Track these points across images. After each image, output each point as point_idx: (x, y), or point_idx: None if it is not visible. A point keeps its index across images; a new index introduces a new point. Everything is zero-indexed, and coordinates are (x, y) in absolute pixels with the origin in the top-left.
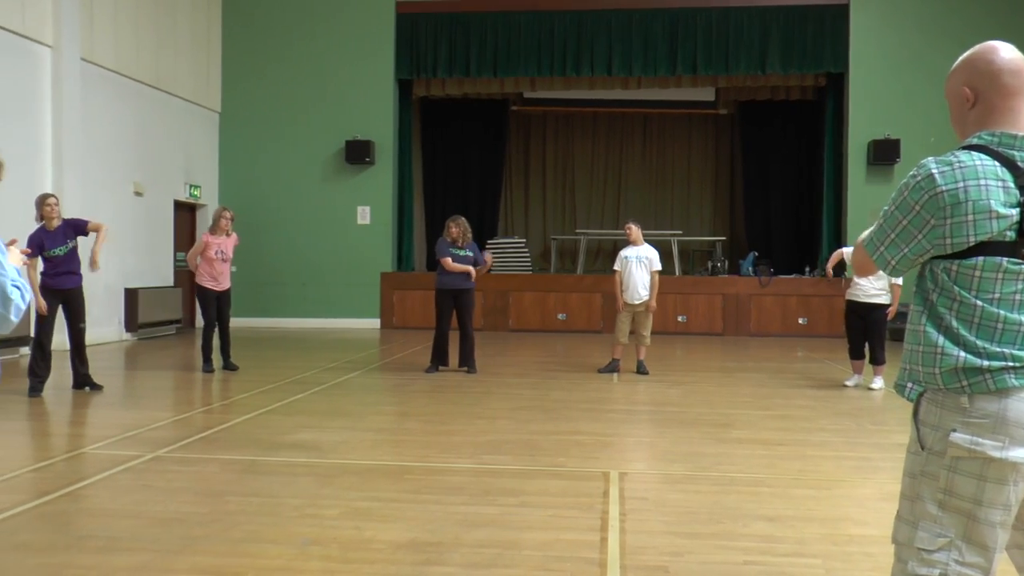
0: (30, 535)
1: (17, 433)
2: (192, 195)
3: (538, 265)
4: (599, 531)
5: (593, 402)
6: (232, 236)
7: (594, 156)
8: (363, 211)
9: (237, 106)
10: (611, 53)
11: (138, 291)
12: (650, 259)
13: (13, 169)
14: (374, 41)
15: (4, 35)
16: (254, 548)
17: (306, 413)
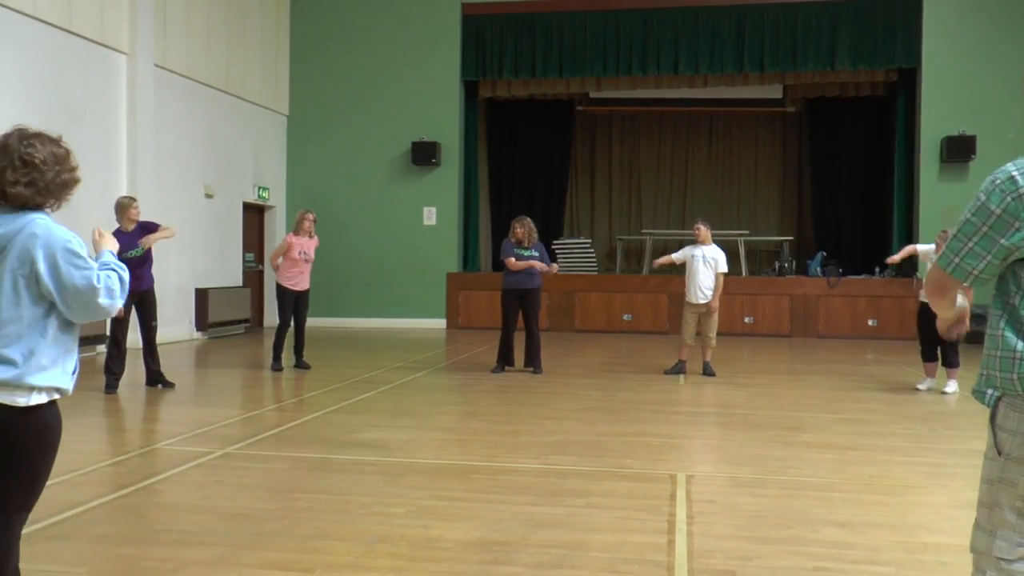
0: (109, 527)
1: (95, 428)
2: (261, 197)
3: (604, 266)
4: (666, 534)
5: (659, 403)
6: (314, 238)
7: (660, 156)
8: (429, 212)
9: (305, 109)
10: (677, 51)
11: (208, 291)
12: (716, 260)
13: (90, 173)
14: (440, 43)
15: (84, 43)
16: (323, 545)
17: (373, 412)
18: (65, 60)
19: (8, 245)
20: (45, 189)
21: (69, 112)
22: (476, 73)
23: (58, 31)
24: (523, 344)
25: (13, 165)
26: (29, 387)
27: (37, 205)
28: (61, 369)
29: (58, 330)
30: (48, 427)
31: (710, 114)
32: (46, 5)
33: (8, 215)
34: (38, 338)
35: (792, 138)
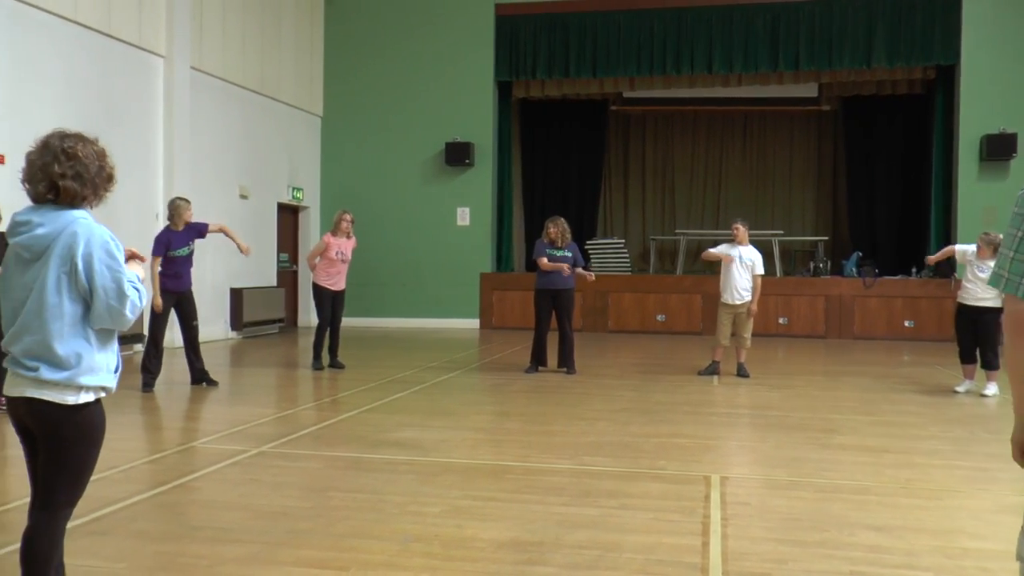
0: (146, 523)
1: (133, 427)
2: (295, 197)
3: (637, 266)
4: (700, 536)
5: (693, 405)
6: (352, 239)
7: (694, 155)
8: (463, 212)
9: (339, 110)
10: (711, 50)
11: (243, 291)
12: (753, 262)
13: (128, 174)
14: (474, 43)
15: (122, 47)
16: (358, 543)
17: (407, 412)
18: (104, 63)
19: (52, 244)
20: (91, 181)
21: (108, 114)
22: (510, 73)
23: (98, 35)
24: (556, 345)
25: (58, 159)
26: (78, 386)
27: (84, 199)
28: (107, 368)
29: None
30: (93, 425)
31: (744, 113)
32: (87, 9)
33: (53, 213)
34: (82, 338)
35: (827, 137)
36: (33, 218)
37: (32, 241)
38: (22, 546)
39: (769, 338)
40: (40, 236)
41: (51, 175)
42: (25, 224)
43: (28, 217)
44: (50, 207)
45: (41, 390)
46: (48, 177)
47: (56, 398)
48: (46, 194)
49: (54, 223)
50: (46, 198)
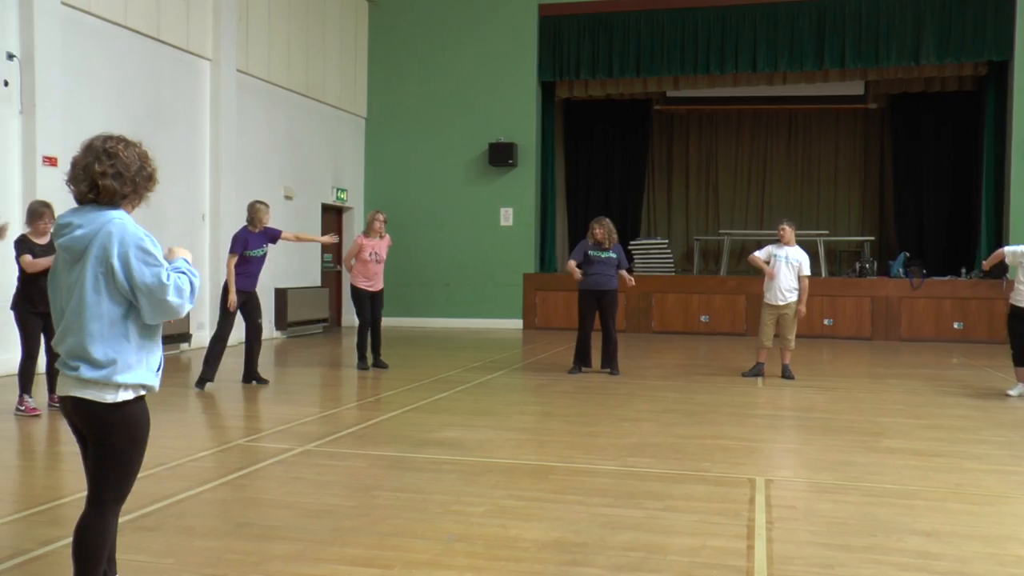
0: (194, 520)
1: (179, 425)
2: (339, 198)
3: (681, 266)
4: (745, 539)
5: (738, 406)
6: (385, 238)
7: (738, 155)
8: (506, 212)
9: (383, 111)
10: (756, 48)
11: (287, 291)
12: (800, 263)
13: (175, 175)
14: (517, 44)
15: (171, 51)
16: (402, 542)
17: (451, 411)
18: (153, 67)
19: (90, 244)
20: (131, 180)
21: (156, 117)
22: (553, 74)
23: (147, 39)
24: (600, 345)
25: (99, 158)
26: (116, 384)
27: (124, 197)
28: (146, 366)
29: (141, 328)
30: (135, 422)
31: (789, 112)
32: (137, 15)
33: (92, 214)
34: (121, 336)
35: (874, 135)
36: (73, 220)
37: (72, 243)
38: (73, 540)
39: (814, 339)
40: (79, 238)
41: (92, 174)
42: (67, 226)
43: (69, 219)
44: (90, 208)
45: (83, 389)
46: (90, 176)
47: (96, 396)
48: (88, 193)
49: (92, 224)
50: (88, 197)
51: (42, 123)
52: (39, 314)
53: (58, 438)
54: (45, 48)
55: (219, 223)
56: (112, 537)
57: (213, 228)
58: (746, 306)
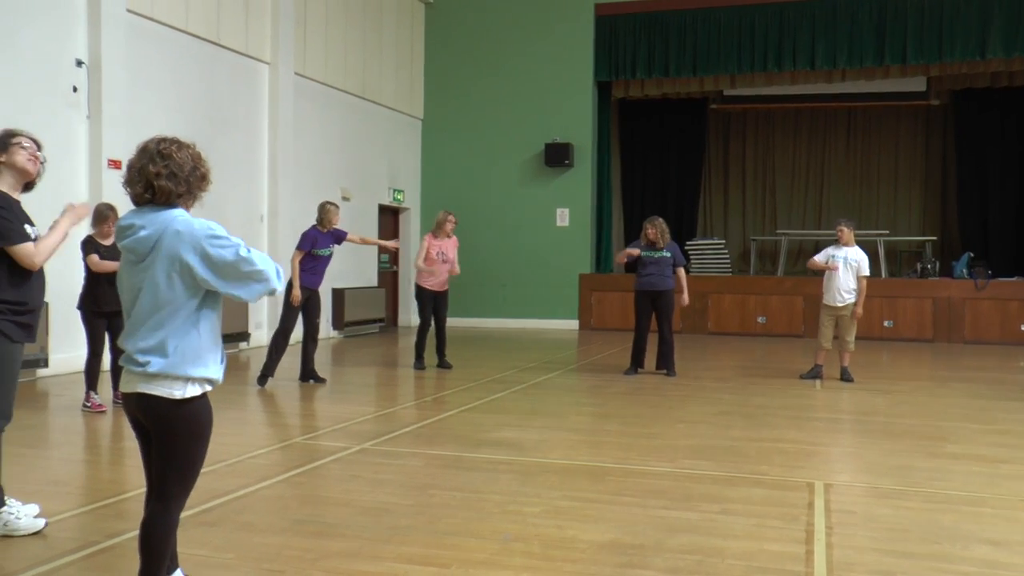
0: (253, 516)
1: (238, 422)
2: (396, 199)
3: (737, 267)
4: (804, 544)
5: (795, 409)
6: (453, 238)
7: (795, 153)
8: (562, 213)
9: (439, 112)
10: (814, 45)
11: (344, 291)
12: (859, 263)
13: (234, 177)
14: (573, 45)
15: (230, 55)
16: (458, 541)
17: (507, 411)
18: (213, 71)
19: (157, 243)
20: (185, 180)
21: (215, 120)
22: (609, 74)
23: (207, 44)
24: (656, 346)
25: (153, 160)
26: (185, 378)
27: (179, 196)
28: (213, 359)
29: (209, 321)
30: (200, 419)
31: (848, 109)
32: (197, 20)
33: (153, 214)
34: (192, 331)
35: (936, 133)
36: (136, 221)
37: (136, 244)
38: (140, 534)
39: (873, 342)
40: (143, 239)
41: (147, 175)
42: (129, 228)
43: (131, 221)
44: (149, 209)
45: (151, 385)
46: (145, 178)
47: (164, 393)
48: (143, 194)
49: (155, 224)
50: (144, 198)
51: (107, 127)
52: (103, 314)
53: (122, 434)
54: (111, 54)
55: (277, 224)
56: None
57: (271, 229)
58: (803, 307)
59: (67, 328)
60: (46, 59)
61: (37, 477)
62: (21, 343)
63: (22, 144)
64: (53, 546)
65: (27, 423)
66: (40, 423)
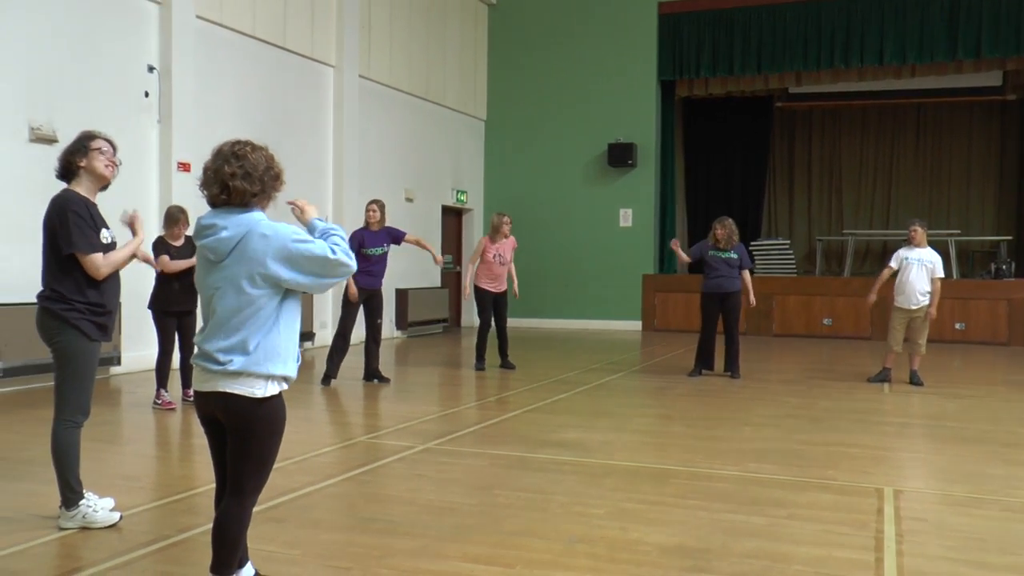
0: (320, 513)
1: (306, 421)
2: (459, 200)
3: (803, 267)
4: (873, 551)
5: (863, 413)
6: (510, 240)
7: (863, 151)
8: (625, 213)
9: (502, 113)
10: (883, 40)
11: (408, 291)
12: (933, 264)
13: (299, 179)
14: (637, 44)
15: (296, 59)
16: (523, 541)
17: (571, 412)
18: (279, 75)
19: (239, 245)
20: (259, 180)
21: (281, 123)
22: (673, 72)
23: (274, 48)
24: (722, 348)
25: (228, 161)
26: (266, 376)
27: (254, 195)
28: (291, 356)
29: (289, 320)
30: (276, 417)
31: (918, 106)
32: (264, 25)
33: (233, 216)
34: (272, 328)
35: (1012, 129)
36: (217, 222)
37: (217, 244)
38: (213, 529)
39: (944, 344)
40: (225, 239)
41: (223, 176)
42: (210, 227)
43: (213, 220)
44: (228, 210)
45: (232, 384)
46: (220, 179)
47: (245, 391)
48: (220, 195)
49: (237, 226)
50: (220, 199)
51: (177, 131)
52: (174, 313)
53: (191, 431)
54: (181, 60)
55: (342, 224)
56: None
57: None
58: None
59: (138, 327)
60: (120, 65)
61: (112, 471)
62: (99, 342)
63: (101, 149)
64: (128, 539)
65: (102, 419)
66: (114, 419)
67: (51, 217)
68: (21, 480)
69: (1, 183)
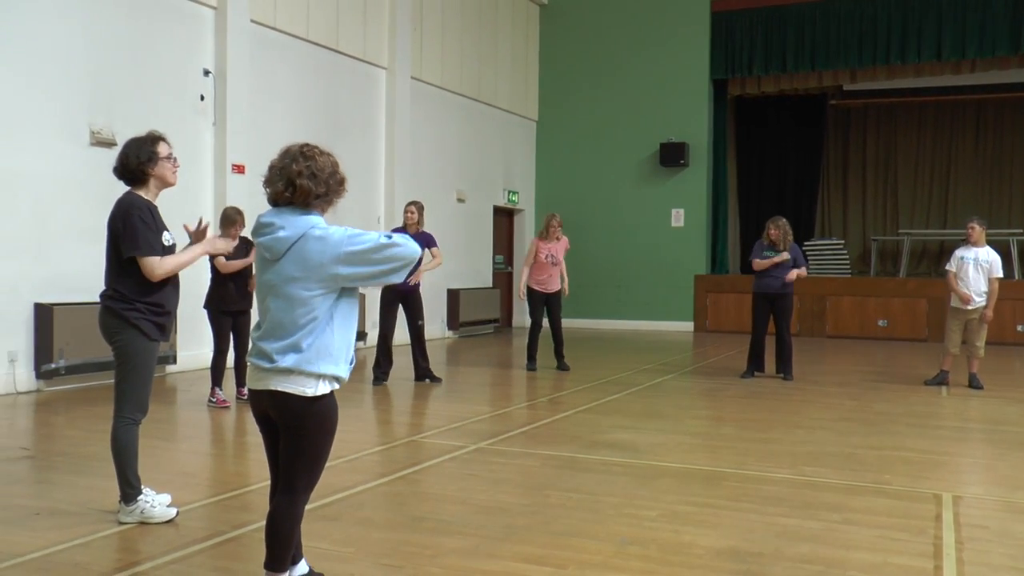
0: (372, 512)
1: (359, 419)
2: (510, 201)
3: (857, 268)
4: (932, 559)
5: (919, 416)
6: (562, 240)
7: (919, 149)
8: (677, 213)
9: (553, 113)
10: (941, 35)
11: (459, 292)
12: (991, 264)
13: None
14: (689, 42)
15: (348, 61)
16: (575, 542)
17: (622, 413)
18: (332, 77)
19: (295, 245)
20: (325, 181)
21: (334, 125)
22: (725, 71)
23: (327, 51)
24: (773, 349)
25: (296, 160)
26: (317, 375)
27: (317, 196)
28: (344, 357)
29: (343, 320)
30: (328, 415)
31: (977, 102)
32: (318, 28)
33: (293, 217)
34: (326, 327)
35: None
36: (276, 221)
37: (274, 243)
38: (266, 526)
39: (1004, 347)
40: (282, 239)
41: (290, 174)
42: (268, 226)
43: (271, 219)
44: (288, 210)
45: (284, 382)
46: (287, 176)
47: (297, 390)
48: (284, 191)
49: (294, 226)
50: (284, 196)
51: (232, 134)
52: (229, 312)
53: (245, 429)
54: (236, 63)
55: (393, 225)
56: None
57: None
58: (928, 310)
59: (193, 326)
60: (176, 69)
61: (168, 468)
62: (157, 342)
63: (169, 156)
64: (184, 534)
65: (158, 417)
66: (169, 417)
67: (115, 219)
68: (83, 474)
69: (63, 186)
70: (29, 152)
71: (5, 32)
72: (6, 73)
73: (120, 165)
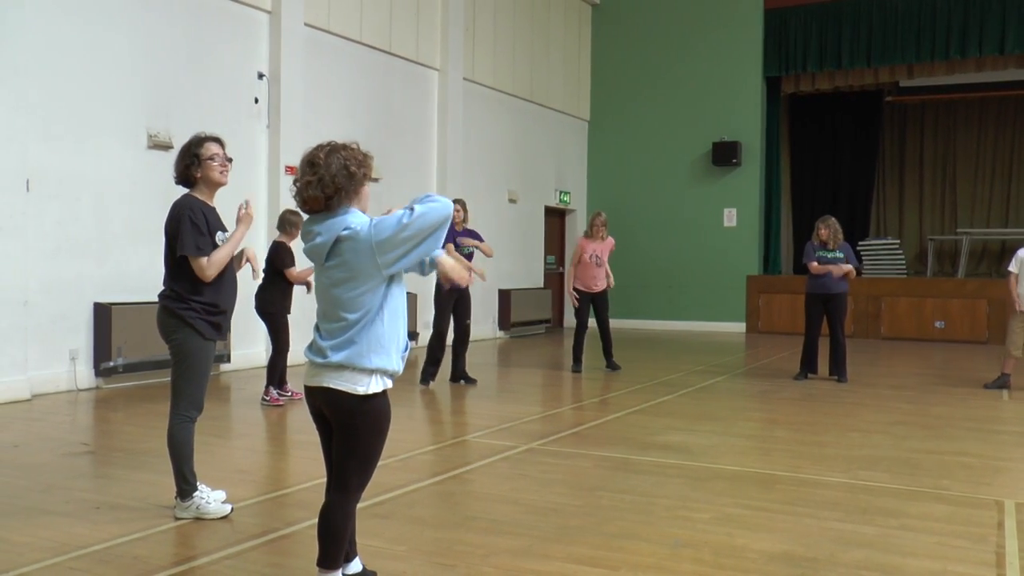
0: (424, 510)
1: (410, 419)
2: (562, 201)
3: (913, 268)
4: (994, 567)
5: (980, 420)
6: (608, 240)
7: (979, 147)
8: (729, 213)
9: (605, 113)
10: (1004, 29)
11: (511, 292)
12: None
13: (406, 180)
14: (742, 40)
15: (401, 63)
16: (627, 544)
17: (674, 415)
18: (385, 78)
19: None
20: (331, 183)
21: (387, 126)
22: (779, 69)
23: (380, 53)
24: (827, 351)
25: (303, 171)
26: (369, 370)
27: (328, 199)
28: (395, 349)
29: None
30: (381, 414)
31: None
32: (371, 30)
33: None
34: (375, 320)
35: None
36: (313, 228)
37: (313, 248)
38: (319, 522)
39: None
40: (320, 244)
41: (300, 190)
42: (308, 234)
43: (310, 227)
44: (323, 215)
45: (336, 380)
46: (299, 193)
47: (349, 388)
48: (302, 206)
49: (328, 231)
50: (304, 209)
51: (285, 136)
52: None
53: (297, 427)
54: (290, 66)
55: None
56: (354, 520)
57: None
58: (988, 311)
59: (246, 326)
60: (231, 72)
61: (223, 465)
62: (213, 341)
63: (213, 157)
64: (239, 530)
65: (213, 414)
66: (224, 415)
67: (170, 221)
68: (141, 470)
69: (122, 189)
70: (90, 156)
71: (68, 42)
72: (69, 81)
73: (174, 170)
